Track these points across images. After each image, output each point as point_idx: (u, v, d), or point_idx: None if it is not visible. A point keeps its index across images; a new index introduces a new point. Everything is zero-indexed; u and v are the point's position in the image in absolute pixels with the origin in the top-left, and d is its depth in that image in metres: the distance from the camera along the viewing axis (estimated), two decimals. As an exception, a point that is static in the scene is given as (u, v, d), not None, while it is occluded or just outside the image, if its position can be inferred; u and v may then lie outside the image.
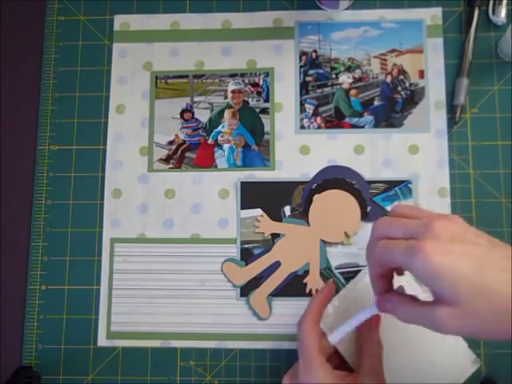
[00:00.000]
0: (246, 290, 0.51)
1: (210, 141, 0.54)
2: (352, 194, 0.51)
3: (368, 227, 0.50)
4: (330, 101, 0.54)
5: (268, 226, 0.52)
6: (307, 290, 0.50)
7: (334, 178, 0.50)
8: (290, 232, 0.51)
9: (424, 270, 0.32)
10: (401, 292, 0.37)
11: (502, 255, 0.33)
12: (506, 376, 0.48)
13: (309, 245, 0.51)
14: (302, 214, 0.52)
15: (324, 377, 0.40)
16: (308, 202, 0.51)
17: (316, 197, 0.51)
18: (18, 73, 0.57)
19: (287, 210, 0.52)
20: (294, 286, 0.51)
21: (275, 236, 0.52)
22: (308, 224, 0.51)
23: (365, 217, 0.51)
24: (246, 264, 0.51)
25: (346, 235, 0.51)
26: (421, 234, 0.33)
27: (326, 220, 0.51)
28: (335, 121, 0.54)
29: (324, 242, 0.51)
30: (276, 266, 0.51)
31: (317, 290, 0.50)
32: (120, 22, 0.57)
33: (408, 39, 0.54)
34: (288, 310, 0.45)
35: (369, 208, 0.51)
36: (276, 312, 0.51)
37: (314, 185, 0.50)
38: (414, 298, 0.36)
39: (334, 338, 0.40)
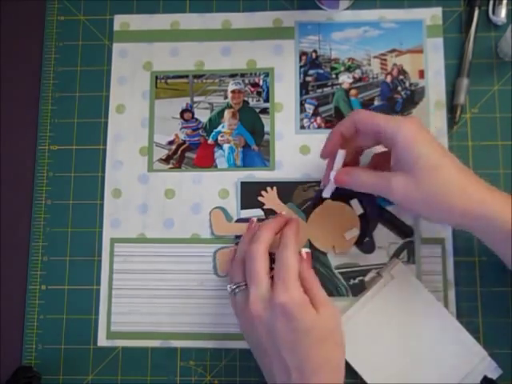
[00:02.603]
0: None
1: (210, 141, 0.54)
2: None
3: (359, 255, 0.51)
4: (329, 101, 0.54)
5: (271, 201, 0.52)
6: None
7: (347, 191, 0.49)
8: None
9: (405, 137, 0.41)
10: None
11: (454, 158, 0.42)
12: (506, 376, 0.48)
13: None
14: (305, 210, 0.51)
15: (300, 294, 0.42)
16: (315, 204, 0.51)
17: (324, 202, 0.51)
18: (18, 73, 0.57)
19: (287, 209, 0.52)
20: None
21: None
22: (306, 221, 0.51)
23: (359, 244, 0.51)
24: (236, 221, 0.52)
25: (334, 249, 0.51)
26: (402, 119, 0.43)
27: (323, 227, 0.51)
28: (335, 121, 0.54)
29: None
30: None
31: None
32: (120, 21, 0.57)
33: (408, 39, 0.54)
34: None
35: (366, 239, 0.51)
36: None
37: None
38: (369, 169, 0.46)
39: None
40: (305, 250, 0.46)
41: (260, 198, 0.52)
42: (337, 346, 0.43)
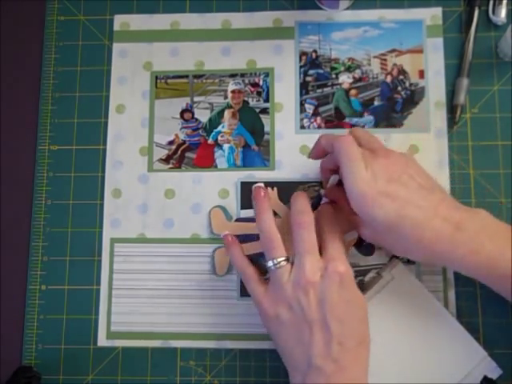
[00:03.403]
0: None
1: (210, 141, 0.54)
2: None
3: (358, 253, 0.51)
4: (329, 101, 0.54)
5: (272, 202, 0.52)
6: None
7: None
8: (288, 217, 0.51)
9: (358, 198, 0.41)
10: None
11: (423, 196, 0.41)
12: (506, 376, 0.48)
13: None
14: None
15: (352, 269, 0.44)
16: (315, 205, 0.50)
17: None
18: (18, 73, 0.57)
19: (287, 209, 0.52)
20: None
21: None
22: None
23: (358, 247, 0.51)
24: (235, 220, 0.52)
25: None
26: (370, 161, 0.42)
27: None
28: (335, 121, 0.54)
29: None
30: (257, 238, 0.50)
31: None
32: (120, 21, 0.57)
33: (408, 39, 0.54)
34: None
35: (365, 242, 0.50)
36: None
37: None
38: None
39: None
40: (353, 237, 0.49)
41: None
42: (368, 326, 0.43)
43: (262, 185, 0.48)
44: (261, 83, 0.55)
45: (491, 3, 0.54)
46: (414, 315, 0.48)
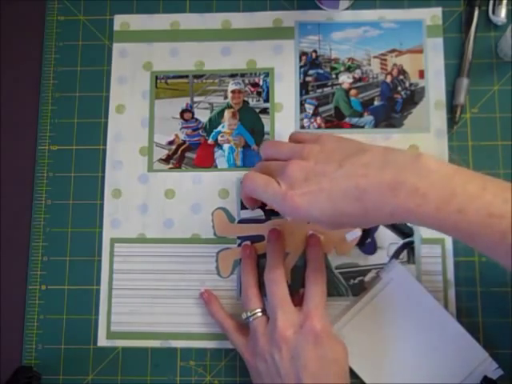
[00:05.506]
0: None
1: (210, 141, 0.54)
2: None
3: (359, 255, 0.51)
4: (329, 101, 0.54)
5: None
6: None
7: None
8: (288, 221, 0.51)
9: (291, 213, 0.39)
10: None
11: (351, 170, 0.37)
12: (506, 376, 0.48)
13: (296, 239, 0.51)
14: None
15: (330, 324, 0.46)
16: None
17: None
18: (18, 73, 0.57)
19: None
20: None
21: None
22: (308, 222, 0.51)
23: (361, 245, 0.51)
24: (238, 222, 0.52)
25: (335, 250, 0.51)
26: (280, 177, 0.40)
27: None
28: (335, 121, 0.54)
29: None
30: (260, 239, 0.51)
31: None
32: (120, 21, 0.57)
33: (408, 39, 0.54)
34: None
35: (368, 240, 0.51)
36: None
37: None
38: None
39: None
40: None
41: None
42: (347, 378, 0.44)
43: (249, 243, 0.51)
44: (261, 83, 0.55)
45: (491, 3, 0.54)
46: (414, 316, 0.48)
